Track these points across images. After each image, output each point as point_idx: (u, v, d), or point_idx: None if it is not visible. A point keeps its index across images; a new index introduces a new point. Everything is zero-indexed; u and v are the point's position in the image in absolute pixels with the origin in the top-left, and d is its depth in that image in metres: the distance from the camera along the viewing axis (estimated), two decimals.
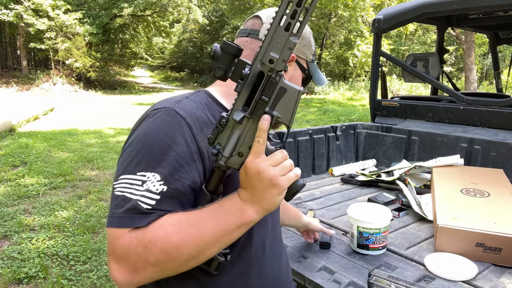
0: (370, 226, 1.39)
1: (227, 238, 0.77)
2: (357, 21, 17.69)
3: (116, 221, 0.75)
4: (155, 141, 0.78)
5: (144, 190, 0.75)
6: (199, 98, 0.89)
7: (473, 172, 2.02)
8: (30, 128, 8.36)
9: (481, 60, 23.66)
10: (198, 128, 0.82)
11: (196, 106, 0.86)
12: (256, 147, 0.74)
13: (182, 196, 0.78)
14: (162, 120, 0.81)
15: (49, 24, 16.68)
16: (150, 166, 0.76)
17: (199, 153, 0.81)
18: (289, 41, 0.70)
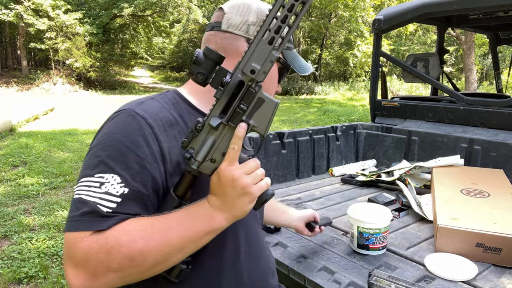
0: (370, 226, 1.39)
1: (195, 245, 0.76)
2: (357, 21, 17.70)
3: (74, 224, 0.72)
4: (114, 142, 0.76)
5: (102, 192, 0.73)
6: (165, 98, 0.88)
7: (473, 173, 2.02)
8: (30, 128, 8.36)
9: (481, 60, 23.67)
10: (160, 128, 0.80)
11: (161, 106, 0.84)
12: (231, 154, 0.74)
13: (145, 198, 0.76)
14: (122, 121, 0.79)
15: (49, 24, 16.69)
16: (108, 167, 0.74)
17: (161, 154, 0.78)
18: (271, 54, 0.73)
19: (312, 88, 20.26)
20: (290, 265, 1.35)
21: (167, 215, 0.75)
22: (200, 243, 0.76)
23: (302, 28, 20.63)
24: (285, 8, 0.70)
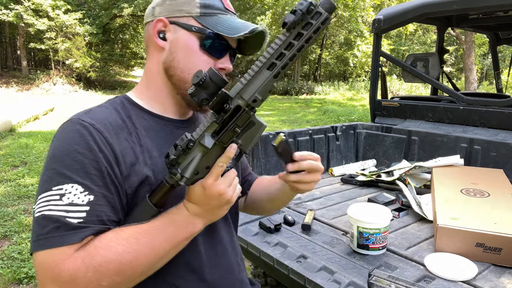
0: (370, 226, 1.39)
1: (177, 249, 0.81)
2: (357, 21, 17.71)
3: (43, 243, 0.69)
4: (67, 152, 0.74)
5: (65, 204, 0.71)
6: (114, 103, 0.88)
7: (473, 172, 2.02)
8: (30, 128, 8.36)
9: (481, 60, 23.67)
10: (111, 132, 0.80)
11: (109, 112, 0.84)
12: (218, 171, 0.77)
13: (112, 201, 0.76)
14: (71, 131, 0.77)
15: (49, 24, 16.68)
16: (65, 178, 0.72)
17: (114, 157, 0.78)
18: (273, 85, 0.76)
19: (312, 88, 20.26)
20: (290, 265, 1.35)
21: (150, 225, 0.77)
22: (181, 247, 0.81)
23: None
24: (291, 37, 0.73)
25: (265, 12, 18.06)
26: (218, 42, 0.86)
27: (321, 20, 0.71)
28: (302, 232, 1.61)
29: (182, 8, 0.86)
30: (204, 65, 0.86)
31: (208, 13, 0.86)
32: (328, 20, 0.72)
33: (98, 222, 0.73)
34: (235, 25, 0.85)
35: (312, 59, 26.28)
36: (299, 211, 1.85)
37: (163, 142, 0.87)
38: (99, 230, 0.73)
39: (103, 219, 0.74)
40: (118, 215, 0.78)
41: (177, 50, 0.86)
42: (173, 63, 0.87)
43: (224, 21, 0.86)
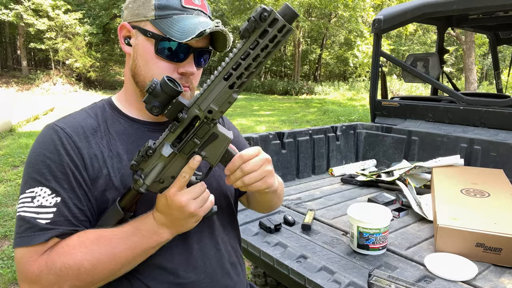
0: (370, 226, 1.39)
1: (143, 257, 0.81)
2: (357, 21, 17.69)
3: (18, 241, 0.76)
4: (38, 156, 0.79)
5: (36, 206, 0.76)
6: (95, 107, 0.91)
7: (473, 172, 2.02)
8: (30, 128, 8.36)
9: (481, 60, 23.67)
10: (80, 136, 0.82)
11: (86, 116, 0.87)
12: (181, 182, 0.76)
13: (78, 203, 0.79)
14: (43, 136, 0.82)
15: (49, 24, 16.68)
16: (36, 181, 0.78)
17: (82, 160, 0.81)
18: (231, 96, 0.72)
19: (312, 88, 20.26)
20: (290, 265, 1.35)
21: (114, 233, 0.78)
22: (148, 254, 0.81)
23: (302, 28, 20.63)
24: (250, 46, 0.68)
25: None
26: (176, 46, 0.82)
27: (277, 27, 0.64)
28: (302, 232, 1.61)
29: (139, 12, 0.82)
30: (162, 71, 0.83)
31: (164, 15, 0.81)
32: (286, 29, 0.64)
33: (65, 223, 0.77)
34: (187, 27, 0.79)
35: (312, 59, 26.28)
36: (299, 211, 1.85)
37: (134, 146, 0.87)
38: (64, 232, 0.77)
39: (69, 219, 0.78)
40: (87, 215, 0.81)
41: (138, 57, 0.85)
42: (137, 69, 0.86)
43: (178, 22, 0.80)
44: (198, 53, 0.85)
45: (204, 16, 0.85)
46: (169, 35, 0.80)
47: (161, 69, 0.83)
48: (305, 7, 18.68)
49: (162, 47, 0.81)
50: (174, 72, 0.84)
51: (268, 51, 0.67)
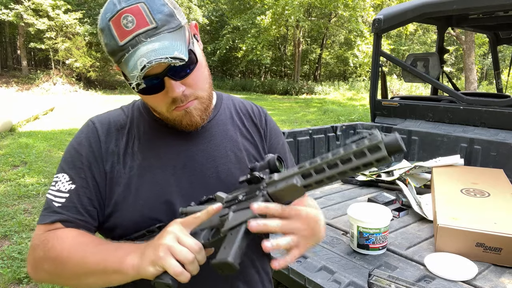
0: (370, 226, 1.39)
1: (104, 277, 0.75)
2: (357, 21, 17.68)
3: (39, 219, 0.84)
4: (69, 147, 0.88)
5: (55, 190, 0.83)
6: (130, 106, 0.96)
7: (473, 172, 2.02)
8: (30, 128, 8.36)
9: (481, 60, 23.67)
10: (106, 131, 0.87)
11: (120, 113, 0.93)
12: (190, 218, 0.72)
13: (88, 193, 0.83)
14: (79, 130, 0.90)
15: (49, 24, 16.68)
16: (61, 168, 0.86)
17: (101, 153, 0.85)
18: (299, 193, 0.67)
19: (312, 88, 20.26)
20: (290, 265, 1.35)
21: (104, 242, 0.79)
22: (108, 278, 0.75)
23: (302, 28, 20.63)
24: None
25: (265, 12, 18.05)
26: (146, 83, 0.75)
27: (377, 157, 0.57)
28: None
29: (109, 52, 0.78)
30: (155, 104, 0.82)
31: (117, 60, 0.77)
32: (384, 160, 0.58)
33: (71, 210, 0.82)
34: (131, 69, 0.72)
35: (312, 58, 26.28)
36: None
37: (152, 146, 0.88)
38: (68, 219, 0.81)
39: (77, 207, 0.82)
40: (95, 205, 0.84)
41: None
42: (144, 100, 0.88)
43: (125, 66, 0.75)
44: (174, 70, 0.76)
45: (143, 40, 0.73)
46: (126, 79, 0.79)
47: (153, 103, 0.83)
48: (305, 6, 18.67)
49: (139, 90, 0.76)
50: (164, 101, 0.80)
51: (355, 169, 0.61)
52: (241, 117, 0.99)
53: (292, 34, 22.18)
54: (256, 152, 0.96)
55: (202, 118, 0.85)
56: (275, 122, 1.06)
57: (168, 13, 0.75)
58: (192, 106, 0.82)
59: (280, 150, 1.01)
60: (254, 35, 18.32)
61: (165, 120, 0.86)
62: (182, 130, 0.87)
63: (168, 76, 0.75)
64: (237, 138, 0.95)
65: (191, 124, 0.84)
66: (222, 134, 0.93)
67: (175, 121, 0.84)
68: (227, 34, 20.29)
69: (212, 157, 0.90)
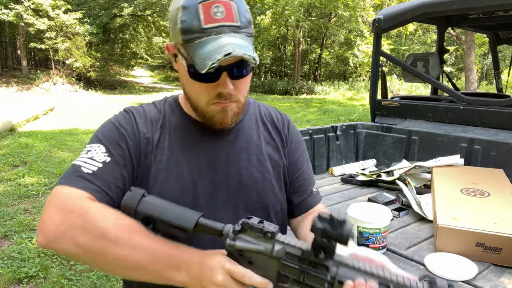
0: (370, 226, 1.39)
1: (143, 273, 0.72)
2: (357, 21, 17.68)
3: (62, 181, 0.80)
4: (107, 123, 0.91)
5: (87, 157, 0.83)
6: (162, 102, 0.98)
7: (473, 172, 2.02)
8: (30, 128, 8.36)
9: (481, 60, 23.66)
10: (142, 120, 0.91)
11: (153, 107, 0.96)
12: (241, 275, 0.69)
13: (122, 169, 0.84)
14: (115, 115, 0.93)
15: (49, 24, 16.67)
16: (98, 139, 0.86)
17: (139, 138, 0.88)
18: None
19: (312, 88, 20.26)
20: None
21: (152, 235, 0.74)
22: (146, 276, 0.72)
23: (302, 28, 20.62)
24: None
25: (265, 12, 18.05)
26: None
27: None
28: None
29: (173, 35, 0.82)
30: (199, 93, 0.84)
31: (188, 39, 0.78)
32: None
33: (101, 181, 0.81)
34: (206, 55, 0.75)
35: (312, 58, 26.28)
36: None
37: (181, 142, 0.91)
38: (97, 189, 0.79)
39: (107, 180, 0.81)
40: (125, 185, 0.84)
41: (180, 75, 0.87)
42: (182, 86, 0.89)
43: (199, 49, 0.77)
44: (234, 69, 0.80)
45: (227, 32, 0.77)
46: (193, 62, 0.78)
47: (197, 91, 0.84)
48: (305, 6, 18.67)
49: (193, 71, 0.80)
50: (210, 92, 0.82)
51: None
52: (266, 123, 1.02)
53: (292, 34, 22.18)
54: (278, 157, 0.99)
55: (232, 121, 0.88)
56: (297, 130, 1.09)
57: (249, 20, 0.82)
58: (230, 107, 0.85)
59: (299, 158, 1.04)
60: (254, 35, 18.32)
61: (198, 114, 0.88)
62: (211, 127, 0.89)
63: (227, 71, 0.80)
64: (261, 143, 0.98)
65: (221, 123, 0.87)
66: (246, 138, 0.96)
67: (207, 115, 0.86)
68: None
69: (235, 160, 0.93)
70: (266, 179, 0.95)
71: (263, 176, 0.95)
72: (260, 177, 0.94)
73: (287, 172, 1.01)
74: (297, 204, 1.03)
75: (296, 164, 1.03)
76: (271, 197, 0.95)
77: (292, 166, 1.02)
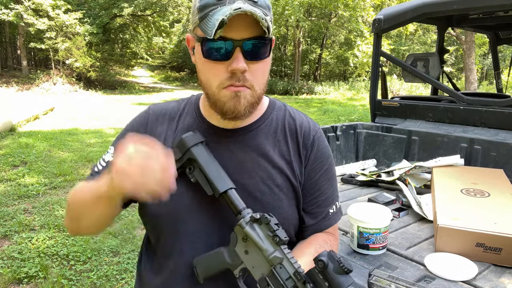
0: (370, 226, 1.39)
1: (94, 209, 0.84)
2: (357, 21, 17.68)
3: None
4: (125, 127, 1.00)
5: (101, 158, 0.94)
6: (186, 99, 1.01)
7: (473, 172, 2.02)
8: (30, 128, 8.36)
9: (481, 60, 23.67)
10: (158, 118, 0.95)
11: (175, 104, 0.99)
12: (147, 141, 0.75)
13: None
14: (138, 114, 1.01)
15: (49, 24, 16.68)
16: (115, 142, 0.96)
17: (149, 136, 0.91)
18: None
19: (312, 88, 20.26)
20: None
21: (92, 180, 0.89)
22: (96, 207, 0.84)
23: (302, 28, 20.63)
24: None
25: None
26: (219, 44, 0.76)
27: None
28: None
29: (193, 20, 0.82)
30: (213, 74, 0.80)
31: (204, 14, 0.76)
32: None
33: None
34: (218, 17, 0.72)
35: (312, 59, 26.29)
36: None
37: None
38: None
39: None
40: None
41: (197, 63, 0.85)
42: (199, 75, 0.86)
43: (211, 18, 0.74)
44: (249, 45, 0.77)
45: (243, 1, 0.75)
46: (205, 32, 0.75)
47: (211, 72, 0.80)
48: (305, 7, 18.67)
49: (207, 49, 0.77)
50: (222, 73, 0.79)
51: None
52: (286, 133, 0.94)
53: (292, 34, 22.18)
54: (290, 172, 0.91)
55: (245, 111, 0.82)
56: (325, 144, 0.99)
57: (268, 4, 0.80)
58: (243, 93, 0.80)
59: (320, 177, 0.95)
60: None
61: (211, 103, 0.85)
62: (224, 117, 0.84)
63: (241, 47, 0.76)
64: (274, 155, 0.91)
65: (233, 111, 0.81)
66: (259, 147, 0.90)
67: (219, 102, 0.81)
68: None
69: (241, 168, 0.88)
70: (274, 194, 0.89)
71: (271, 190, 0.88)
72: (267, 191, 0.88)
73: (301, 192, 0.93)
74: (309, 225, 0.95)
75: (315, 184, 0.94)
76: (277, 213, 0.86)
77: (310, 186, 0.94)
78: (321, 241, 0.94)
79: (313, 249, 0.90)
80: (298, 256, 0.83)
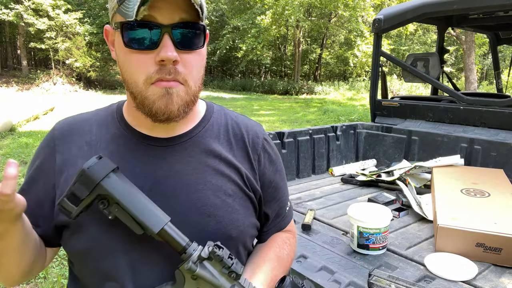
0: (370, 226, 1.39)
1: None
2: (357, 21, 17.68)
3: None
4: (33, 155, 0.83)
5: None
6: (106, 108, 0.85)
7: (473, 172, 2.02)
8: (30, 128, 8.36)
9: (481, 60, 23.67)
10: (66, 138, 0.78)
11: (88, 117, 0.83)
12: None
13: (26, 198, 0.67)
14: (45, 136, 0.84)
15: (49, 23, 16.69)
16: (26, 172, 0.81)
17: (54, 166, 0.76)
18: None
19: (312, 88, 20.26)
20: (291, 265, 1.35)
21: None
22: None
23: (302, 28, 20.63)
24: None
25: (265, 12, 18.05)
26: (143, 31, 0.65)
27: None
28: (302, 232, 1.61)
29: (110, 5, 0.69)
30: (139, 66, 0.68)
31: (119, 3, 0.65)
32: None
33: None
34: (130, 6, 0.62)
35: (312, 59, 26.28)
36: (299, 211, 1.85)
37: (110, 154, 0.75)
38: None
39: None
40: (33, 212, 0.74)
41: (118, 57, 0.72)
42: (121, 71, 0.73)
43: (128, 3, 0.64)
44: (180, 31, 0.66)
45: None
46: (126, 17, 0.64)
47: (136, 65, 0.68)
48: (305, 6, 18.67)
49: (129, 35, 0.65)
50: (149, 66, 0.67)
51: None
52: (230, 139, 0.83)
53: (292, 34, 22.18)
54: (240, 179, 0.81)
55: (179, 111, 0.70)
56: (273, 146, 0.93)
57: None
58: (176, 89, 0.68)
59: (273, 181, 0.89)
60: (254, 35, 18.31)
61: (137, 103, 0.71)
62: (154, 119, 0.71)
63: (170, 34, 0.65)
64: (220, 163, 0.80)
65: (164, 111, 0.69)
66: (202, 156, 0.79)
67: (147, 101, 0.69)
68: (227, 34, 20.28)
69: (186, 181, 0.76)
70: (228, 205, 0.78)
71: (223, 202, 0.78)
72: (219, 203, 0.77)
73: (263, 196, 0.86)
74: (270, 228, 0.91)
75: (276, 186, 0.89)
76: (234, 226, 0.78)
77: (272, 189, 0.88)
78: (280, 242, 0.91)
79: (273, 253, 0.87)
80: (259, 267, 0.80)
